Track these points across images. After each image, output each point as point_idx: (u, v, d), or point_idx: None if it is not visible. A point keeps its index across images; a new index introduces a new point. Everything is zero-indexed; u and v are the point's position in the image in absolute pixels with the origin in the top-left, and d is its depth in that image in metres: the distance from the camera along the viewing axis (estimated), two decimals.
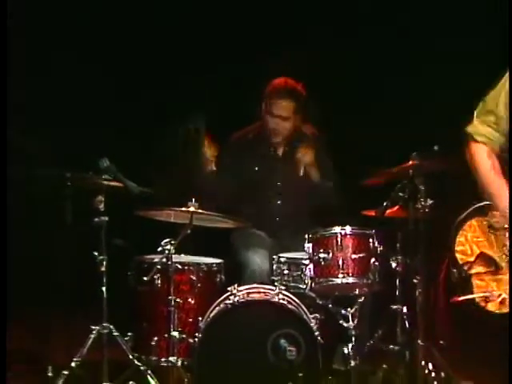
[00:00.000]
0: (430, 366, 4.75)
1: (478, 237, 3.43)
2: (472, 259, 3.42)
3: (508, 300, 3.13)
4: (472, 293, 3.36)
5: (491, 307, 3.32)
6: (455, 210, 3.81)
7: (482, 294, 3.33)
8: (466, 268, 3.41)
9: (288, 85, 5.30)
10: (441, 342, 4.71)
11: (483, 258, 3.39)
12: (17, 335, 5.03)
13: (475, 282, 3.37)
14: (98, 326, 4.75)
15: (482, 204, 3.42)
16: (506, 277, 3.24)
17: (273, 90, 5.30)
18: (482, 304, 3.35)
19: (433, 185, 4.84)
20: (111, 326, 4.76)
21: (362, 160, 5.29)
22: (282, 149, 5.38)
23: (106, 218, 4.73)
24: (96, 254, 4.76)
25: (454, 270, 3.46)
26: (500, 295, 3.28)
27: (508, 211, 3.18)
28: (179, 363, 4.63)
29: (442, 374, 4.68)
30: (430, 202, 4.74)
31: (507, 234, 3.19)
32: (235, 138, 5.45)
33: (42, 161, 5.93)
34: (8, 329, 3.75)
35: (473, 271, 3.39)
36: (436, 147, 4.67)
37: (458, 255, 3.46)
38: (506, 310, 3.24)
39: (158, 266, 4.71)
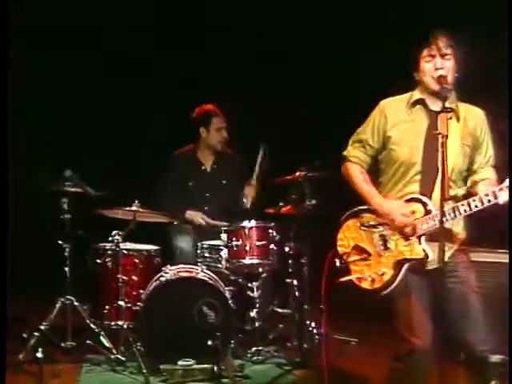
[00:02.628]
0: (313, 324, 4.98)
1: (353, 233, 3.37)
2: (349, 250, 3.37)
3: (379, 279, 3.25)
4: (350, 275, 3.34)
5: (364, 285, 3.31)
6: (335, 207, 3.65)
7: (356, 276, 3.32)
8: (345, 257, 3.37)
9: (217, 107, 5.26)
10: (321, 306, 4.47)
11: (357, 249, 3.36)
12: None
13: (352, 267, 3.35)
14: (63, 297, 4.77)
15: (355, 209, 3.39)
16: (374, 261, 3.30)
17: (209, 111, 5.21)
18: (357, 283, 3.33)
19: (316, 189, 4.91)
20: (73, 298, 4.78)
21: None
22: (210, 167, 5.34)
23: (69, 215, 4.74)
24: (61, 242, 4.79)
25: (337, 260, 3.38)
26: (370, 276, 3.29)
27: (378, 207, 3.27)
28: (125, 326, 4.65)
29: (322, 331, 4.78)
30: (313, 201, 4.88)
31: (374, 229, 3.31)
32: (178, 155, 5.34)
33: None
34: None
35: (350, 259, 3.36)
36: (318, 161, 4.80)
37: (338, 248, 3.40)
38: (376, 286, 3.27)
39: (109, 252, 4.79)
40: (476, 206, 3.13)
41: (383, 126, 3.34)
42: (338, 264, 3.40)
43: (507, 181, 3.12)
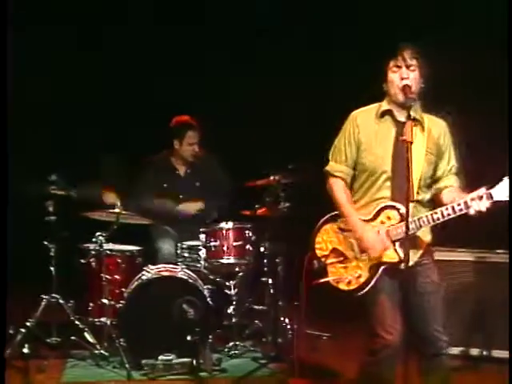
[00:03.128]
0: (287, 320, 4.97)
1: (331, 237, 3.40)
2: (327, 253, 3.40)
3: (355, 281, 3.30)
4: (327, 277, 3.38)
5: (341, 286, 3.36)
6: (308, 209, 3.79)
7: (333, 278, 3.36)
8: (323, 259, 3.40)
9: (193, 121, 5.21)
10: (295, 303, 4.44)
11: (335, 252, 3.39)
12: None
13: (330, 269, 3.38)
14: (48, 295, 4.76)
15: (333, 213, 3.43)
16: (352, 264, 3.34)
17: (183, 124, 5.18)
18: (335, 284, 3.37)
19: (289, 192, 4.93)
20: (58, 296, 4.76)
21: (241, 173, 5.17)
22: (184, 172, 5.31)
23: (54, 217, 4.74)
24: (46, 243, 4.78)
25: (315, 261, 3.41)
26: (346, 278, 3.33)
27: (357, 230, 3.30)
28: (109, 323, 4.66)
29: (295, 326, 4.81)
30: (287, 204, 4.92)
31: (350, 234, 3.35)
32: (154, 160, 5.31)
33: None
34: None
35: (328, 261, 3.39)
36: (290, 166, 4.84)
37: (317, 250, 3.42)
38: (352, 287, 3.32)
39: (93, 252, 4.78)
40: (449, 215, 3.18)
41: (357, 135, 3.39)
42: (315, 265, 3.44)
43: (480, 190, 3.16)
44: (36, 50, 6.00)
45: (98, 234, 4.72)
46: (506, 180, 3.12)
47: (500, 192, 3.13)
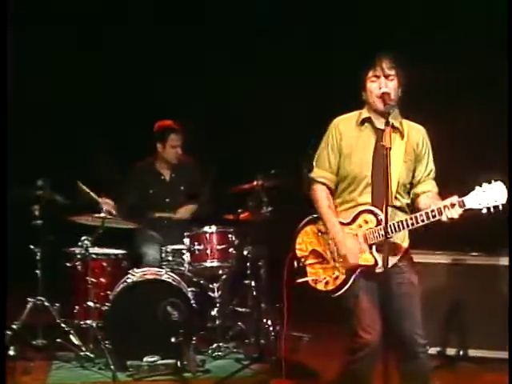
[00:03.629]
0: (270, 322, 4.98)
1: (311, 238, 3.45)
2: (306, 254, 3.45)
3: (332, 282, 3.34)
4: (306, 277, 3.44)
5: (319, 286, 3.41)
6: (291, 213, 3.70)
7: (312, 278, 3.41)
8: (302, 260, 3.45)
9: (176, 124, 5.22)
10: (277, 305, 4.75)
11: (314, 253, 3.44)
12: None
13: (309, 269, 3.44)
14: (34, 298, 4.77)
15: (314, 216, 3.48)
16: (329, 266, 3.38)
17: (166, 128, 5.19)
18: (313, 284, 3.42)
19: (272, 196, 4.95)
20: (43, 298, 4.77)
21: (225, 178, 5.14)
22: (169, 176, 5.32)
23: (41, 221, 4.76)
24: (32, 247, 4.80)
25: (295, 262, 3.47)
26: (325, 278, 3.38)
27: (336, 236, 3.34)
28: (94, 325, 4.67)
29: (277, 328, 4.89)
30: (269, 208, 4.95)
31: (328, 236, 3.39)
32: (139, 165, 5.31)
33: None
34: None
35: (307, 262, 3.44)
36: (273, 171, 4.89)
37: (297, 251, 3.48)
38: (329, 288, 3.37)
39: (79, 256, 4.80)
40: (423, 221, 3.22)
41: (339, 142, 3.44)
42: (295, 266, 3.48)
43: (453, 198, 3.19)
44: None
45: (83, 238, 4.75)
46: (478, 189, 3.15)
47: (472, 200, 3.16)
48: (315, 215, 3.50)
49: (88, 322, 4.73)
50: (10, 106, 3.82)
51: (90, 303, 4.74)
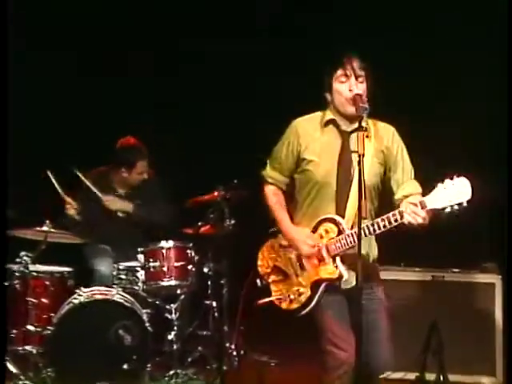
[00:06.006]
0: (233, 346, 4.83)
1: (272, 253, 3.33)
2: (269, 271, 3.33)
3: (297, 300, 3.23)
4: (270, 295, 3.30)
5: (283, 305, 3.27)
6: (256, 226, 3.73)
7: (276, 297, 3.28)
8: (265, 277, 3.33)
9: (143, 148, 4.94)
10: (241, 327, 4.80)
11: (276, 270, 3.31)
12: None
13: (272, 287, 3.31)
14: None
15: (274, 229, 3.35)
16: (292, 282, 3.26)
17: (132, 151, 4.92)
18: (277, 303, 3.29)
19: (235, 208, 4.86)
20: None
21: (184, 188, 5.07)
22: (125, 193, 5.05)
23: None
24: None
25: (258, 280, 3.36)
26: (289, 296, 3.25)
27: (286, 234, 3.26)
28: (34, 351, 4.45)
29: (242, 352, 4.75)
30: (232, 221, 4.83)
31: (291, 249, 3.26)
32: (93, 174, 4.99)
33: None
34: None
35: (270, 280, 3.32)
36: (235, 181, 4.75)
37: (259, 268, 3.36)
38: (294, 306, 3.23)
39: (17, 274, 4.53)
40: (385, 226, 3.05)
41: (296, 145, 3.28)
42: (258, 284, 3.36)
43: (414, 198, 3.07)
44: (36, 76, 5.76)
45: (22, 253, 4.53)
46: (439, 186, 2.95)
47: (434, 199, 2.96)
48: (275, 228, 3.36)
49: (27, 347, 4.48)
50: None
51: (30, 327, 4.48)
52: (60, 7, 5.67)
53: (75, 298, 4.46)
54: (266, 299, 3.28)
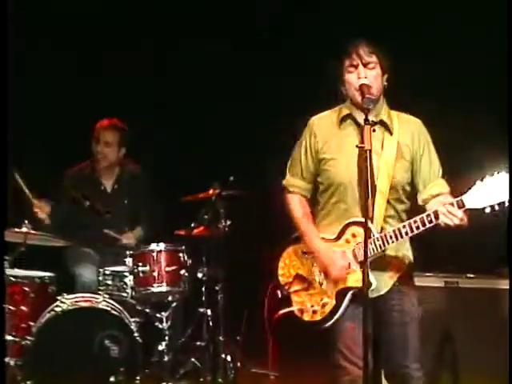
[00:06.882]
0: (229, 357, 4.69)
1: (294, 261, 3.19)
2: (290, 280, 3.19)
3: (321, 311, 3.08)
4: (291, 306, 3.15)
5: (305, 317, 3.12)
6: (253, 228, 3.59)
7: (297, 307, 3.13)
8: (286, 287, 3.18)
9: (112, 121, 4.95)
10: (237, 337, 4.69)
11: (298, 278, 3.17)
12: None
13: (294, 298, 3.17)
14: None
15: (296, 234, 3.21)
16: (316, 291, 3.12)
17: (100, 125, 4.94)
18: (299, 315, 3.14)
19: (231, 208, 4.75)
20: None
21: (176, 186, 5.02)
22: (111, 187, 4.95)
23: None
24: None
25: (278, 291, 3.21)
26: (312, 306, 3.12)
27: (315, 252, 3.11)
28: (12, 363, 4.29)
29: (238, 364, 4.63)
30: (228, 222, 4.69)
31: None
32: (75, 172, 4.94)
33: None
34: None
35: (291, 289, 3.18)
36: (231, 178, 4.59)
37: (280, 278, 3.22)
38: (317, 318, 3.10)
39: None
40: (417, 228, 2.91)
41: (314, 145, 3.15)
42: (279, 296, 3.19)
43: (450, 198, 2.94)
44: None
45: None
46: (478, 184, 2.80)
47: (473, 198, 2.81)
48: (297, 234, 3.21)
49: (5, 359, 4.26)
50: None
51: (8, 337, 4.31)
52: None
53: (57, 306, 4.33)
54: (287, 309, 3.12)
